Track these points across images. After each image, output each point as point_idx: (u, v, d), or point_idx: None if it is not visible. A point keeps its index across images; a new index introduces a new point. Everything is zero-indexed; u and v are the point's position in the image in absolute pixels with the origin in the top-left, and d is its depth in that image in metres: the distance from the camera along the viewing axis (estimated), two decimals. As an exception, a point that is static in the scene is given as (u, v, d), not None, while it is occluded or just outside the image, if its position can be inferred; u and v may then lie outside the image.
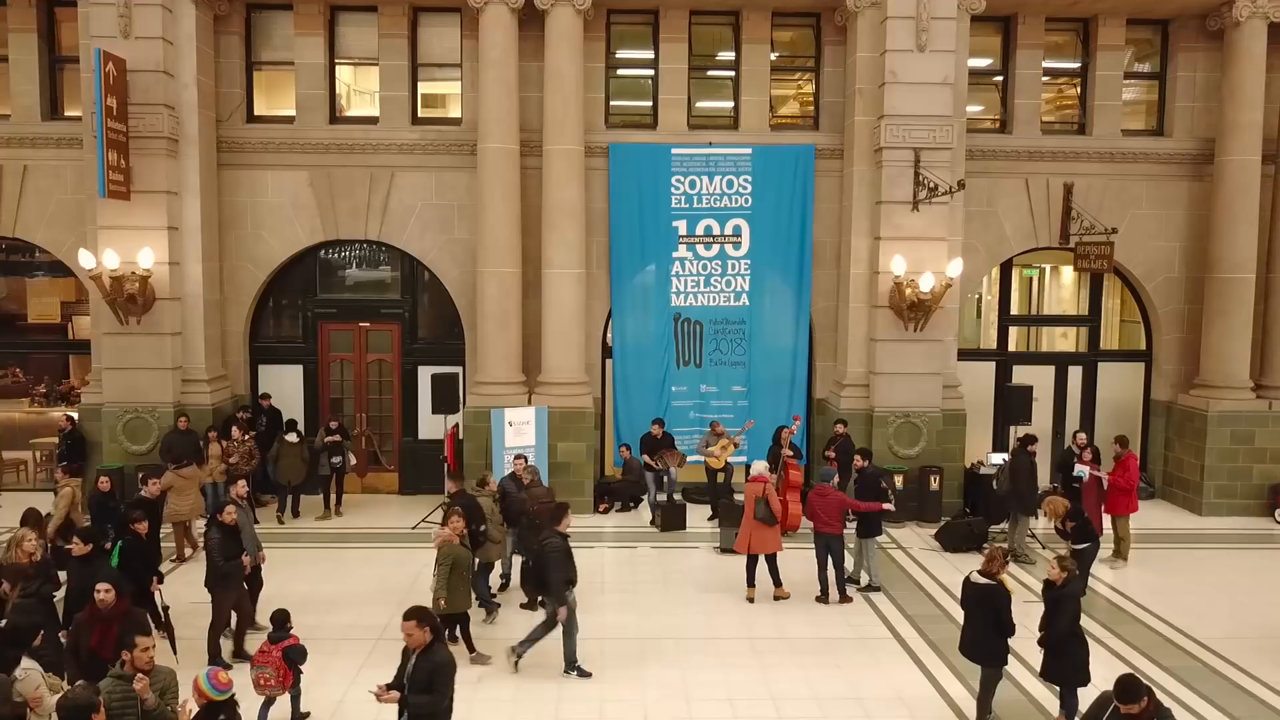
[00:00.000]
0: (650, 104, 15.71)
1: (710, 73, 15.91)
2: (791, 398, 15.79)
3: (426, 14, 15.44)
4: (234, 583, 9.25)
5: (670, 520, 14.13)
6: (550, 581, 9.00)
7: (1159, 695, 8.63)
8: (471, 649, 9.42)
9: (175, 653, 8.73)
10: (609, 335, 15.88)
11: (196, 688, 5.75)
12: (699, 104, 15.80)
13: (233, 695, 5.75)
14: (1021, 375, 16.08)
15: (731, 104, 15.73)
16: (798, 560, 11.81)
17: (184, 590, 10.72)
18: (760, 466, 12.02)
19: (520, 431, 14.02)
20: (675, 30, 15.39)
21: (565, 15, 14.29)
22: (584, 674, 9.11)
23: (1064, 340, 17.01)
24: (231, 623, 9.42)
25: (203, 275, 14.59)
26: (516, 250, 14.71)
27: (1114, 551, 12.83)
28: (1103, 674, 9.07)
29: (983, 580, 7.83)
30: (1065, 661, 7.76)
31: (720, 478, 14.68)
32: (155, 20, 13.81)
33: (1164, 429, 16.15)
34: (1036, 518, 13.20)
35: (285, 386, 15.84)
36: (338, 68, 15.61)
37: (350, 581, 11.73)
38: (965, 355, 16.10)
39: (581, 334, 14.97)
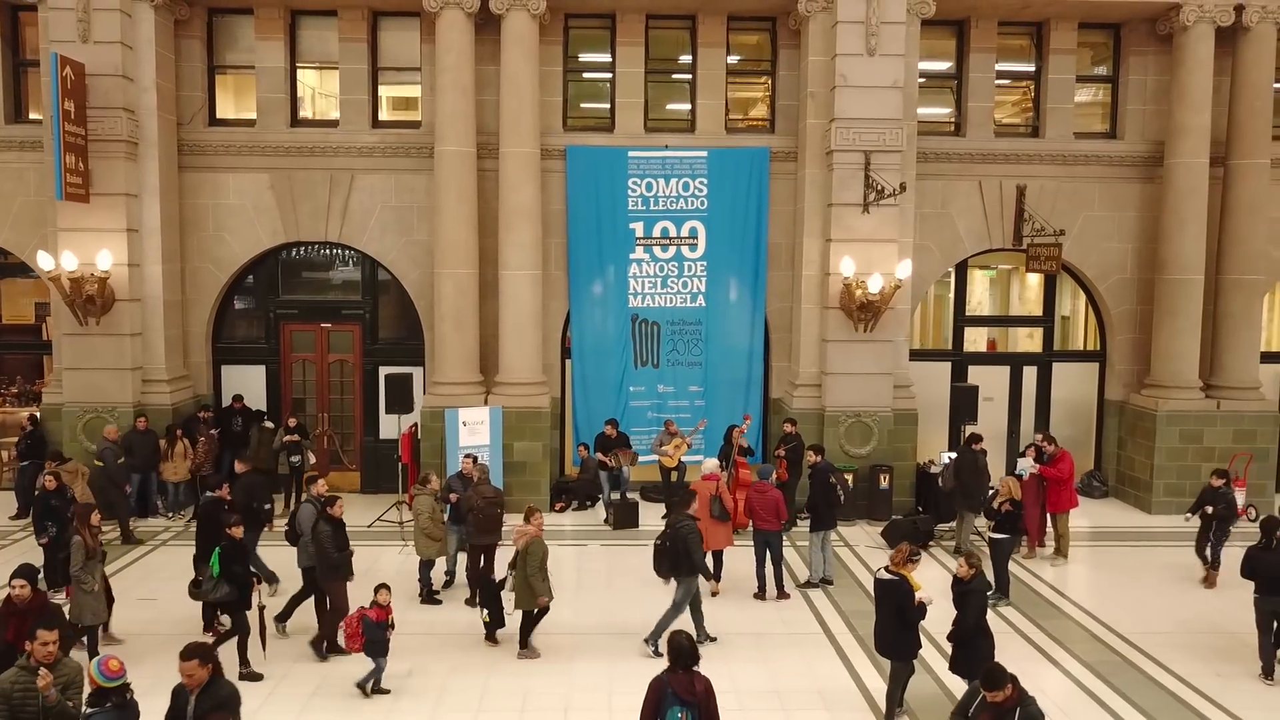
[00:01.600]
0: (608, 107, 15.90)
1: (667, 76, 16.07)
2: (748, 398, 15.98)
3: (386, 18, 15.63)
4: (345, 573, 9.58)
5: (623, 518, 14.32)
6: (696, 560, 9.60)
7: (1074, 687, 8.92)
8: (525, 644, 9.68)
9: (264, 650, 9.15)
10: (568, 336, 16.06)
11: (89, 674, 5.92)
12: (656, 107, 15.98)
13: (124, 683, 5.90)
14: (977, 375, 16.29)
15: (688, 107, 15.92)
16: (741, 556, 11.99)
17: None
18: (711, 465, 12.24)
19: (474, 431, 14.19)
20: (632, 34, 15.58)
21: (520, 19, 14.48)
22: (659, 654, 9.41)
23: (1030, 340, 17.11)
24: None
25: (163, 276, 14.77)
26: (473, 251, 14.90)
27: (1054, 550, 13.01)
28: (1022, 667, 9.31)
29: (887, 575, 8.01)
30: (972, 655, 7.94)
31: (674, 476, 14.87)
32: (114, 25, 14.00)
33: (1117, 428, 16.33)
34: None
35: (248, 386, 16.01)
36: (299, 71, 15.80)
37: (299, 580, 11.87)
38: (921, 355, 16.33)
39: (539, 334, 15.16)
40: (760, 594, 11.37)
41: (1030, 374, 16.64)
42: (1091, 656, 9.79)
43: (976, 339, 17.48)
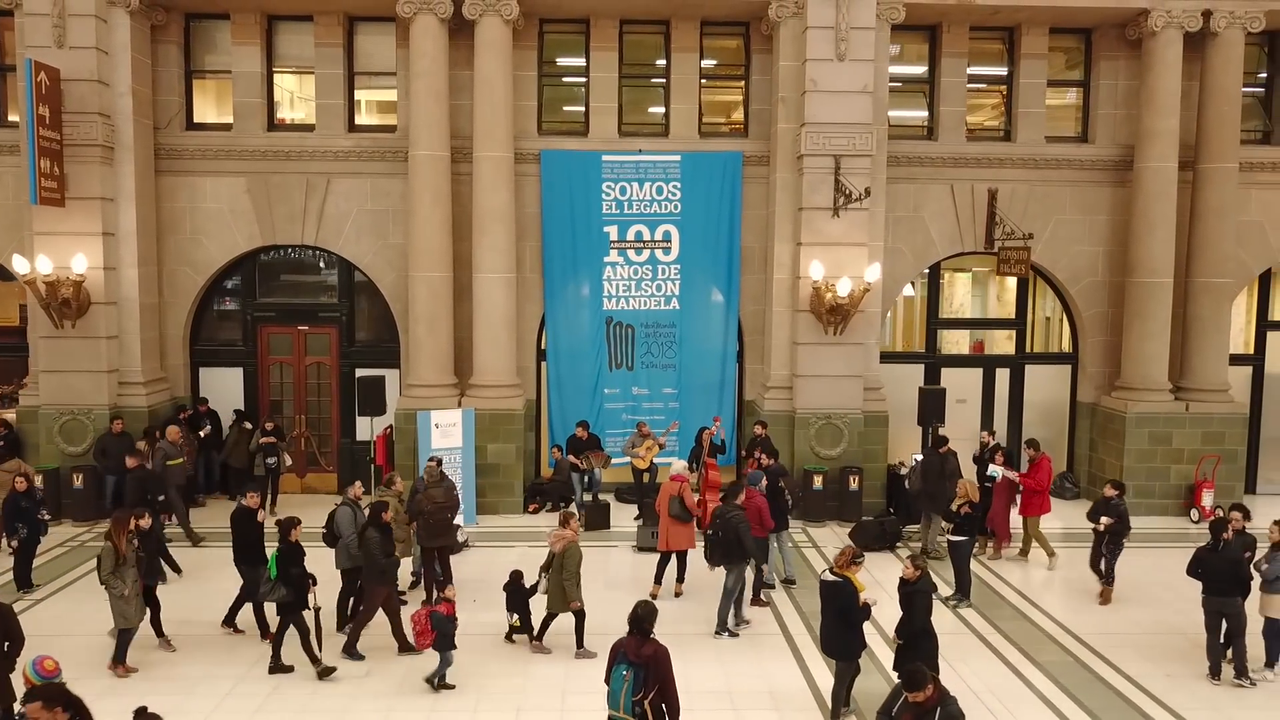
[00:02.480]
0: (582, 111, 16.01)
1: (641, 81, 16.17)
2: (722, 400, 16.09)
3: (362, 23, 15.74)
4: (390, 578, 9.82)
5: (595, 520, 14.42)
6: (748, 546, 10.17)
7: (1024, 688, 9.04)
8: (538, 638, 10.06)
9: (320, 649, 9.31)
10: (544, 338, 16.17)
11: (24, 673, 6.02)
12: (630, 111, 16.08)
13: (60, 682, 5.99)
14: (950, 378, 16.41)
15: (662, 112, 16.03)
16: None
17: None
18: (679, 466, 12.33)
19: (447, 433, 14.30)
20: (606, 39, 15.69)
21: (493, 25, 14.59)
22: (734, 634, 10.34)
23: (1008, 342, 17.21)
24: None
25: (139, 279, 14.88)
26: (447, 255, 15.01)
27: (1020, 551, 13.11)
28: (974, 668, 9.47)
29: (831, 577, 8.13)
30: (916, 655, 8.02)
31: (646, 478, 14.97)
32: (89, 31, 14.12)
33: (1089, 430, 16.44)
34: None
35: (226, 389, 16.15)
36: (275, 76, 15.91)
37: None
38: (895, 358, 16.46)
39: (512, 337, 15.28)
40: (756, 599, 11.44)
41: (1003, 376, 16.75)
42: (1045, 657, 9.90)
43: (960, 340, 17.63)
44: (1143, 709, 8.78)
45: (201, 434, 15.35)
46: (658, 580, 11.69)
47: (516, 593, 10.15)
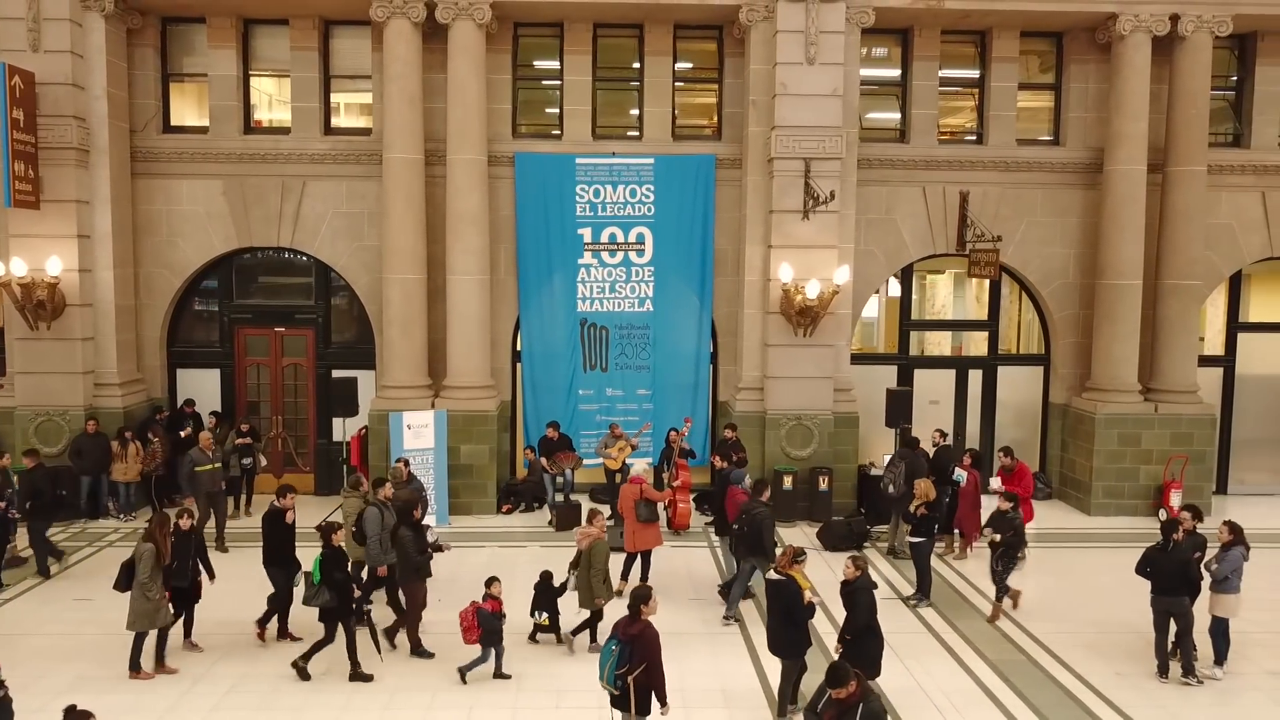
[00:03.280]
0: (556, 115, 16.12)
1: (615, 84, 16.27)
2: (695, 401, 16.20)
3: (337, 27, 15.85)
4: (424, 573, 9.99)
5: (565, 520, 14.53)
6: (765, 543, 10.44)
7: (974, 686, 9.14)
8: (574, 634, 10.14)
9: (379, 651, 9.55)
10: (519, 340, 16.28)
11: None
12: (604, 115, 16.19)
13: None
14: (923, 379, 16.55)
15: (636, 115, 16.13)
16: (678, 557, 12.20)
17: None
18: (639, 468, 12.47)
19: (419, 434, 14.41)
20: (580, 43, 15.80)
21: (466, 29, 14.69)
22: (736, 620, 10.83)
23: (985, 344, 17.30)
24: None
25: (114, 281, 14.99)
26: (421, 257, 15.12)
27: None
28: (926, 666, 9.58)
29: (776, 576, 8.23)
30: (861, 654, 8.14)
31: (618, 478, 15.03)
32: (64, 34, 14.24)
33: (1060, 431, 16.55)
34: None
35: (203, 390, 16.25)
36: (252, 79, 16.01)
37: (238, 581, 12.06)
38: (869, 359, 16.58)
39: (486, 338, 15.38)
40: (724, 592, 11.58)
41: (976, 377, 16.86)
42: (997, 656, 10.01)
43: (942, 342, 17.75)
44: (1089, 707, 8.88)
45: (183, 434, 15.40)
46: (624, 576, 11.81)
47: (545, 592, 10.24)
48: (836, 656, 8.38)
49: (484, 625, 9.12)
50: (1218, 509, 15.86)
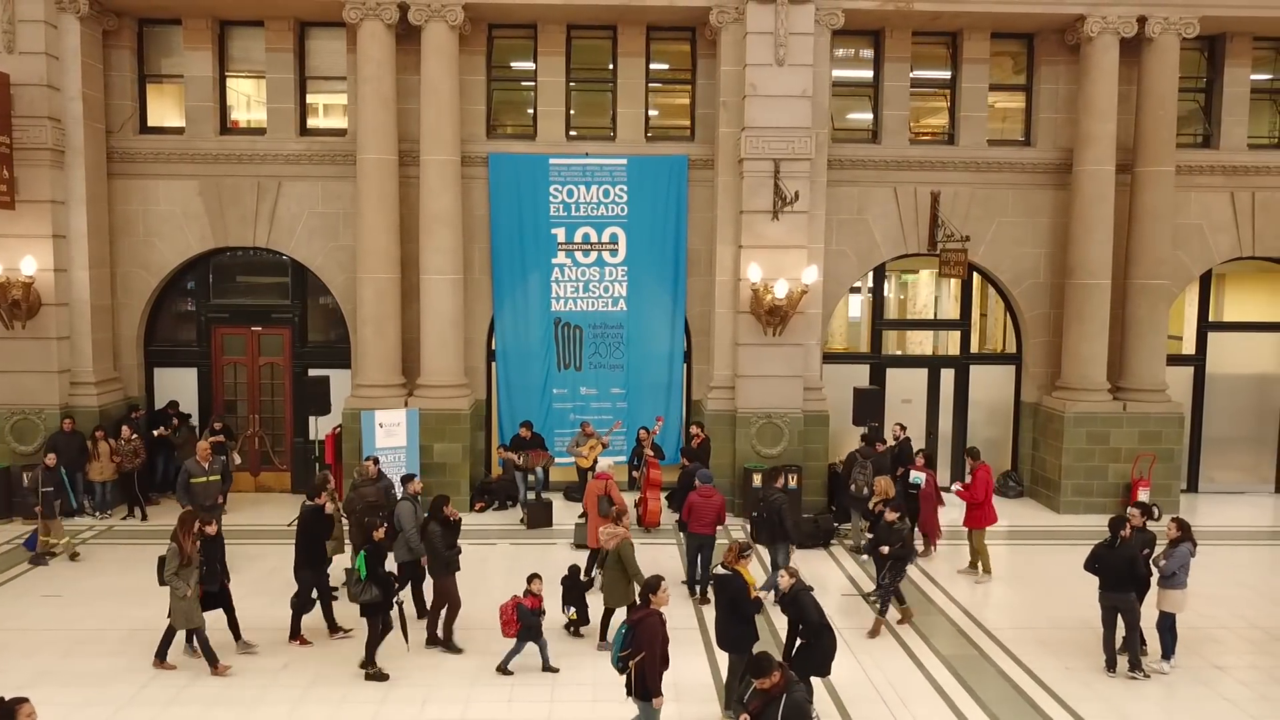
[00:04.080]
0: (530, 115, 16.24)
1: (588, 85, 16.40)
2: (669, 400, 16.32)
3: (312, 29, 15.96)
4: (454, 568, 10.14)
5: (536, 518, 14.65)
6: (788, 527, 11.15)
7: (924, 681, 9.26)
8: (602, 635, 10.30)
9: (407, 642, 9.71)
10: (494, 339, 16.39)
11: None
12: (578, 116, 16.30)
13: None
14: (895, 378, 16.67)
15: (609, 116, 16.25)
16: (646, 554, 12.26)
17: None
18: (604, 465, 12.58)
19: (391, 433, 14.53)
20: (553, 44, 15.92)
21: (439, 31, 14.81)
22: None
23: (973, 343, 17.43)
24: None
25: (90, 281, 15.11)
26: (394, 257, 15.24)
27: (969, 564, 12.98)
28: (878, 660, 9.72)
29: (723, 571, 8.35)
30: (812, 653, 8.22)
31: (590, 477, 15.13)
32: (38, 36, 14.36)
33: (1032, 430, 16.67)
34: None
35: (180, 389, 16.38)
36: (229, 80, 16.13)
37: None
38: (842, 359, 16.70)
39: (459, 338, 15.50)
40: (693, 594, 11.67)
41: (948, 376, 16.97)
42: (951, 651, 10.13)
43: (923, 341, 17.87)
44: (1035, 700, 9.01)
45: (155, 434, 15.54)
46: (588, 573, 11.90)
47: (573, 588, 10.44)
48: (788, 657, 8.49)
49: (523, 620, 9.38)
50: (1188, 507, 16.04)
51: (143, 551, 13.08)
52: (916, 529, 13.39)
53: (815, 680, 8.59)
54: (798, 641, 8.26)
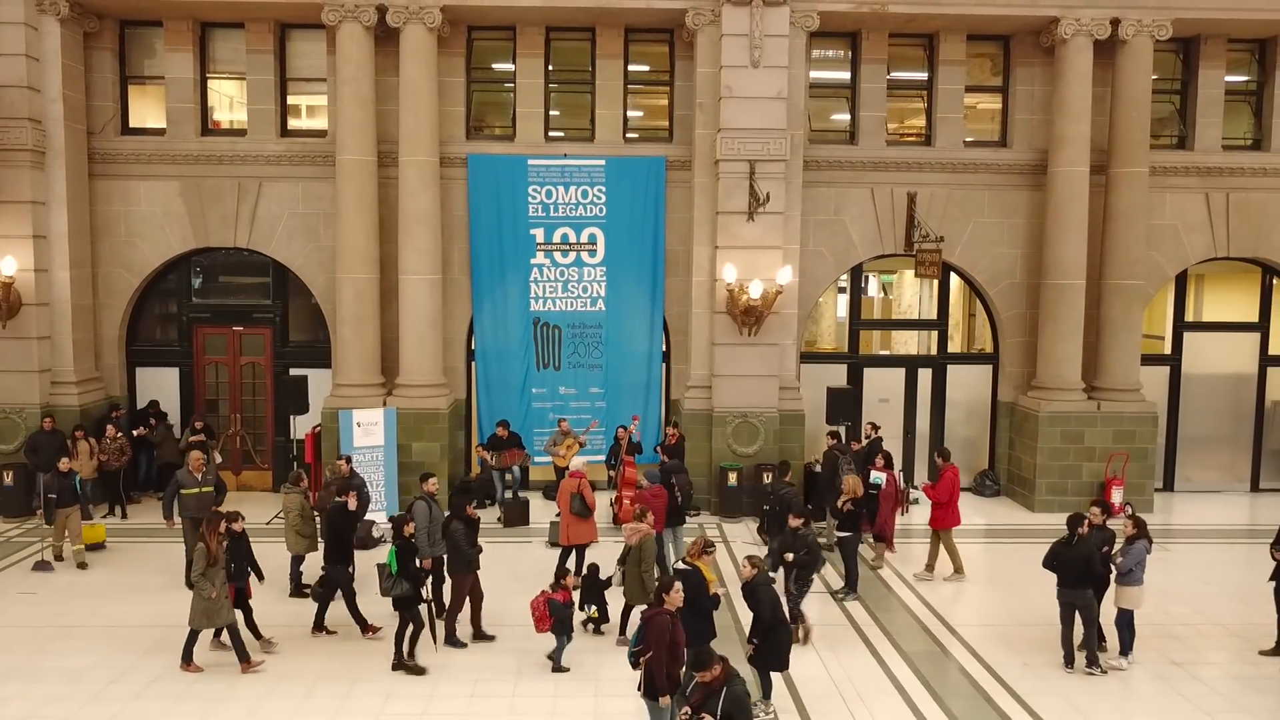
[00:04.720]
0: (509, 116, 16.35)
1: (567, 87, 16.50)
2: (648, 399, 16.43)
3: (293, 30, 16.06)
4: (474, 567, 10.32)
5: (513, 517, 14.76)
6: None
7: (882, 675, 9.37)
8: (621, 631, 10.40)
9: (435, 641, 9.91)
10: (473, 339, 16.50)
11: None
12: (556, 117, 16.41)
13: None
14: (872, 378, 16.79)
15: (588, 117, 16.35)
16: (620, 550, 12.37)
17: None
18: (577, 463, 12.69)
19: (369, 432, 14.63)
20: (532, 46, 16.02)
21: (417, 33, 14.92)
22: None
23: (951, 343, 17.53)
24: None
25: (71, 281, 15.21)
26: (373, 257, 15.34)
27: (926, 565, 12.87)
28: (840, 656, 9.82)
29: (683, 566, 8.46)
30: (771, 647, 8.35)
31: (567, 475, 15.26)
32: (18, 38, 14.46)
33: (1008, 429, 16.78)
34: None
35: (162, 388, 16.48)
36: (210, 81, 16.23)
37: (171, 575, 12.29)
38: (819, 358, 16.80)
39: (438, 337, 15.61)
40: None
41: (925, 376, 17.08)
42: (913, 647, 10.23)
43: (909, 341, 17.96)
44: (991, 695, 9.11)
45: (136, 433, 15.64)
46: (559, 574, 11.98)
47: (593, 585, 10.51)
48: (748, 654, 8.60)
49: (555, 614, 9.47)
50: (1164, 506, 16.16)
51: (123, 549, 13.23)
52: (873, 530, 13.39)
53: (775, 675, 8.73)
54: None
